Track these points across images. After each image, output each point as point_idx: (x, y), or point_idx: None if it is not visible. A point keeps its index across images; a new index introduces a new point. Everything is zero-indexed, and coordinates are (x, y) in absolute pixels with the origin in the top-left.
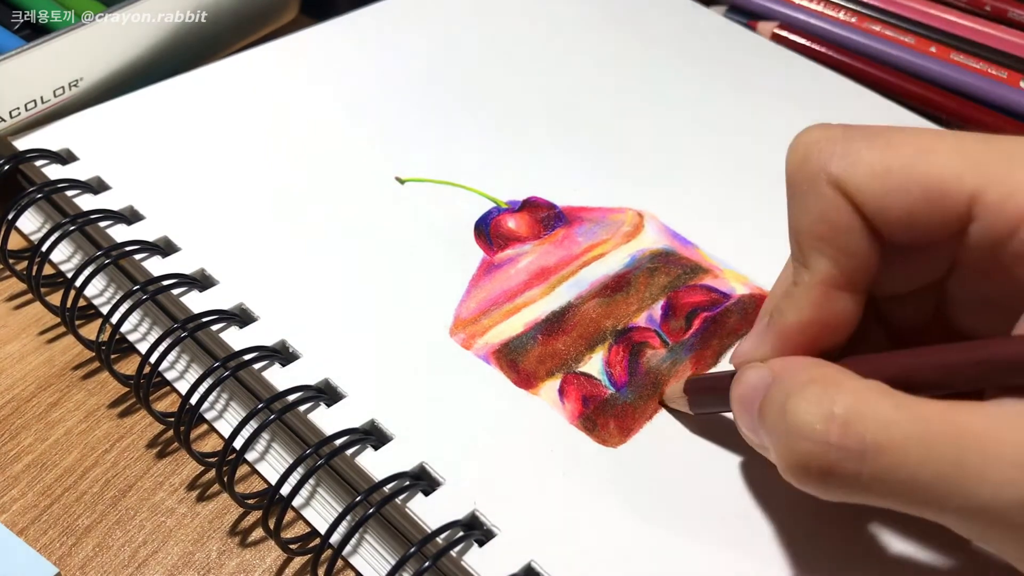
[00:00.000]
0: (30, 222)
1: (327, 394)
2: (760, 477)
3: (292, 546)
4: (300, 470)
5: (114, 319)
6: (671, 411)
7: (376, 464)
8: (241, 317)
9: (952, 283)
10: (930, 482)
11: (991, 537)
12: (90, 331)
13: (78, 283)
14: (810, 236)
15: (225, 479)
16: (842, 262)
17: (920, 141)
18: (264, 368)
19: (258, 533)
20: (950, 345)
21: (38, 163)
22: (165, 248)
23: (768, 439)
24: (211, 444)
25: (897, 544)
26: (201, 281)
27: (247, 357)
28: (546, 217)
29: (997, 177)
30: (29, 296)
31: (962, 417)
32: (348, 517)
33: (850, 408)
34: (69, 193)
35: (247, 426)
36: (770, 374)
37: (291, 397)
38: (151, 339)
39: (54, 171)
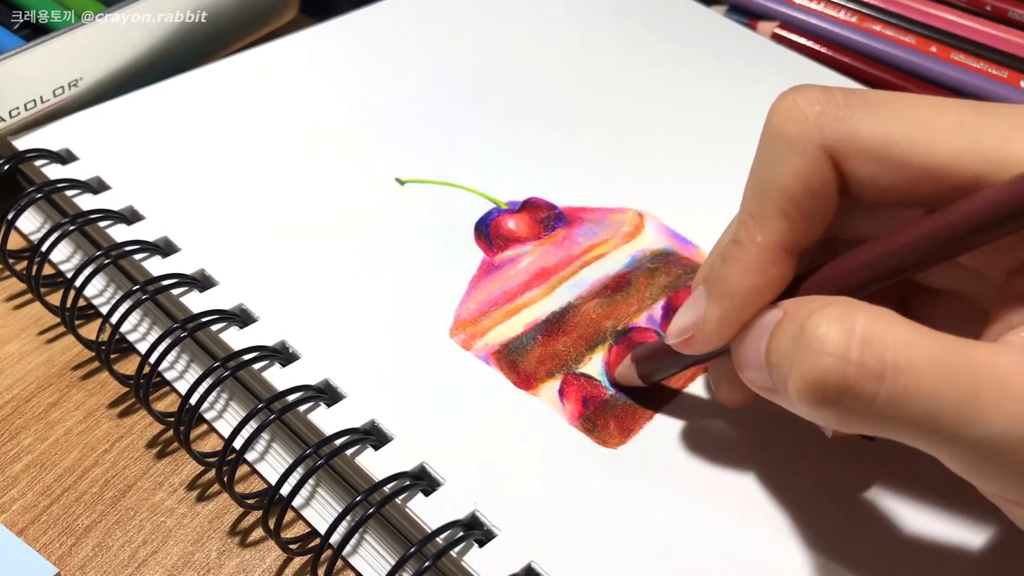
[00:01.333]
0: (30, 222)
1: (327, 394)
2: (760, 477)
3: (292, 546)
4: (300, 470)
5: (114, 319)
6: (625, 391)
7: (376, 464)
8: (241, 317)
9: None
10: (945, 409)
11: (993, 474)
12: (90, 331)
13: (78, 283)
14: (779, 195)
15: (225, 479)
16: (801, 227)
17: (921, 115)
18: (264, 368)
19: (258, 533)
20: (890, 234)
21: (38, 163)
22: (165, 248)
23: (778, 369)
24: (211, 444)
25: (899, 547)
26: (201, 281)
27: (247, 357)
28: (546, 218)
29: (996, 158)
30: (29, 296)
31: (978, 350)
32: (348, 517)
33: (871, 328)
34: (69, 193)
35: (247, 426)
36: (781, 311)
37: (291, 397)
38: (151, 339)
39: (54, 171)
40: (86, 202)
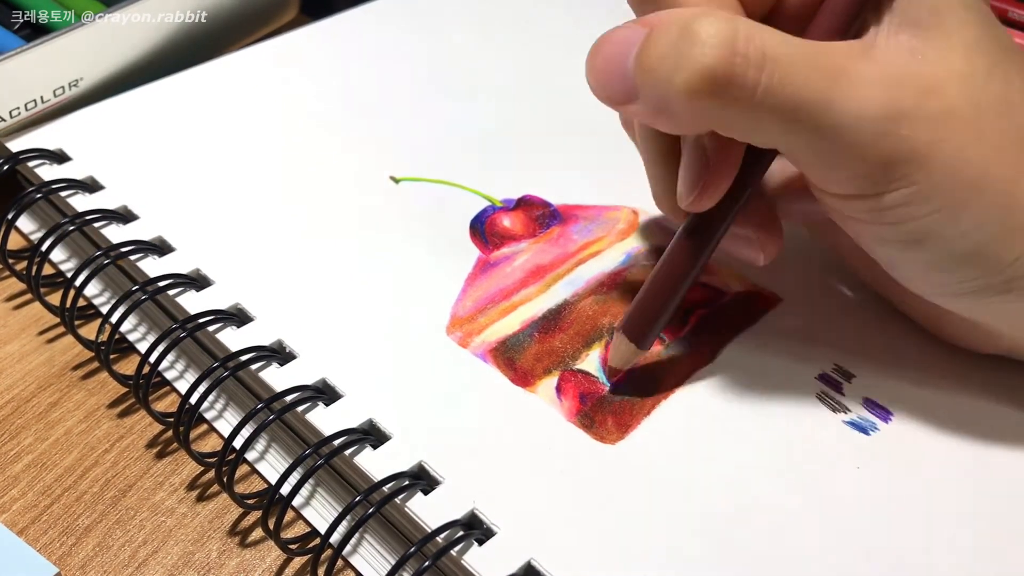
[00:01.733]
0: (30, 222)
1: (325, 394)
2: (759, 474)
3: (292, 546)
4: (300, 470)
5: (113, 319)
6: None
7: (375, 464)
8: (238, 317)
9: None
10: (810, 97)
11: (844, 161)
12: (90, 331)
13: (77, 283)
14: None
15: (225, 479)
16: None
17: None
18: (261, 368)
19: (258, 533)
20: None
21: (33, 163)
22: (160, 248)
23: (655, 73)
24: (211, 444)
25: (901, 545)
26: (197, 281)
27: (245, 357)
28: (541, 215)
29: None
30: (29, 296)
31: (838, 48)
32: (348, 517)
33: (751, 27)
34: (64, 194)
35: (246, 426)
36: (644, 26)
37: (289, 397)
38: (150, 339)
39: (50, 171)
40: (82, 202)
